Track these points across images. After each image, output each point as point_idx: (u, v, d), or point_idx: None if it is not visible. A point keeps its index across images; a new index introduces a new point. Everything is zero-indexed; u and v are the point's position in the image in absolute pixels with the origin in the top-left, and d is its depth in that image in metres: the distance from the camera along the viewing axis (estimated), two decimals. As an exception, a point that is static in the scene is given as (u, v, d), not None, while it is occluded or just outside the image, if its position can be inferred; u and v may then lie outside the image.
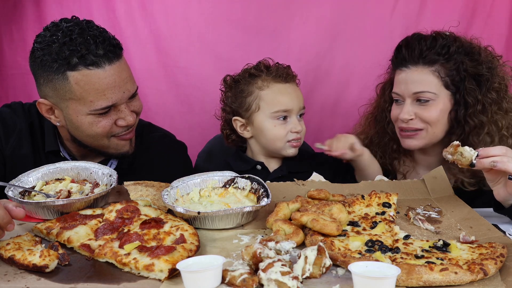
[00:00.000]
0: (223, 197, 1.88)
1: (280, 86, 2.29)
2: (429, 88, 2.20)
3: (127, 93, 2.02)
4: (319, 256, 1.33)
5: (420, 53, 2.22)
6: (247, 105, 2.29)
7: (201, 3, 3.22)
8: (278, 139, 2.29)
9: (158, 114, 3.25)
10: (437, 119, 2.22)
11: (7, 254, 1.43)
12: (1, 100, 3.11)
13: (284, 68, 2.33)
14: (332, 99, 3.33)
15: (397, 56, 2.31)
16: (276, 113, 2.26)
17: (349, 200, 1.79)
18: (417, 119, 2.23)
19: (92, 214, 1.69)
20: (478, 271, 1.31)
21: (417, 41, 2.25)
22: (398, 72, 2.29)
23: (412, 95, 2.22)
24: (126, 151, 2.14)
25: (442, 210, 1.84)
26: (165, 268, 1.34)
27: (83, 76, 1.92)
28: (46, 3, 3.19)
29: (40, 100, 2.04)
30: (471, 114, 2.19)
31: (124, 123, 2.04)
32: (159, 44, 3.26)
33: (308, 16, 3.20)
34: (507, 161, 1.67)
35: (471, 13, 3.15)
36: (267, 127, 2.28)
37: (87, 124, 2.00)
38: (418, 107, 2.22)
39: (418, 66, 2.22)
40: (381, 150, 2.47)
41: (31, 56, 2.00)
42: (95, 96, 1.94)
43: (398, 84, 2.28)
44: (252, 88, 2.29)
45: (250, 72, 2.33)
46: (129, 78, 2.04)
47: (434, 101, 2.20)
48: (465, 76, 2.19)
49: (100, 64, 1.92)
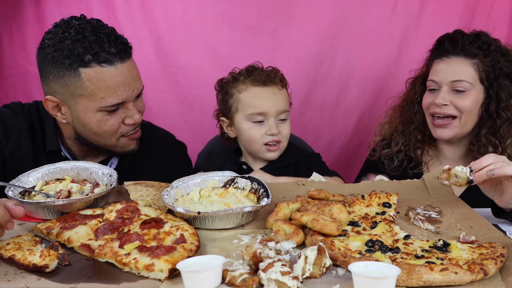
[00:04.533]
0: (223, 197, 1.87)
1: (257, 90, 2.34)
2: (466, 78, 2.32)
3: (136, 91, 2.06)
4: (319, 256, 1.33)
5: (463, 46, 2.35)
6: (229, 106, 2.39)
7: (201, 3, 3.22)
8: (253, 141, 2.36)
9: (158, 114, 3.25)
10: (470, 108, 2.33)
11: (7, 254, 1.43)
12: (1, 100, 3.11)
13: (265, 72, 2.38)
14: (332, 99, 3.34)
15: (438, 47, 2.43)
16: (251, 115, 2.33)
17: (349, 200, 1.79)
18: (451, 106, 2.33)
19: (92, 214, 1.69)
20: (478, 271, 1.31)
21: (460, 35, 2.39)
22: (438, 61, 2.40)
23: (450, 83, 2.33)
24: (133, 149, 2.18)
25: (442, 210, 1.84)
26: (165, 268, 1.34)
27: (95, 73, 1.94)
28: (46, 3, 3.19)
29: (47, 97, 2.04)
30: (504, 108, 2.32)
31: (132, 121, 2.07)
32: (159, 44, 3.27)
33: (308, 16, 3.20)
34: (502, 166, 1.70)
35: (471, 13, 3.15)
36: (243, 128, 2.36)
37: (96, 121, 2.02)
38: (453, 95, 2.33)
39: (459, 57, 2.35)
40: (404, 139, 2.56)
41: (41, 53, 2.01)
42: (106, 93, 1.96)
43: (436, 73, 2.39)
44: (233, 90, 2.38)
45: (233, 76, 2.41)
46: (138, 76, 2.09)
47: (469, 92, 2.32)
48: (500, 73, 2.34)
49: (113, 62, 1.96)
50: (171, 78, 3.30)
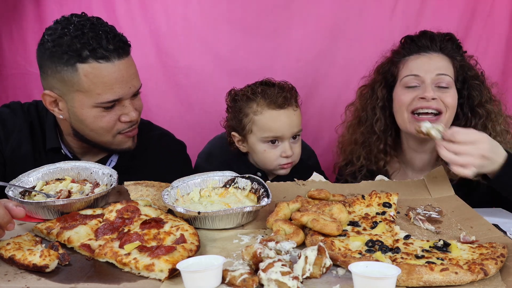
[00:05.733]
0: (223, 197, 1.87)
1: (274, 113, 2.31)
2: (449, 73, 2.28)
3: (133, 89, 2.06)
4: (319, 256, 1.33)
5: (440, 44, 2.32)
6: (242, 125, 2.36)
7: (201, 3, 3.22)
8: (268, 163, 2.37)
9: (158, 114, 3.25)
10: (454, 105, 2.28)
11: (7, 254, 1.43)
12: (1, 100, 3.10)
13: (282, 92, 2.32)
14: (332, 99, 3.33)
15: (412, 44, 2.36)
16: (266, 138, 2.32)
17: (349, 200, 1.79)
18: (438, 100, 2.24)
19: (92, 214, 1.69)
20: (479, 271, 1.31)
21: (434, 34, 2.36)
22: (415, 57, 2.32)
23: (435, 76, 2.26)
24: (128, 147, 2.18)
25: (443, 210, 1.84)
26: (165, 268, 1.34)
27: (92, 68, 1.95)
28: (46, 3, 3.19)
29: (45, 92, 2.06)
30: (478, 105, 2.31)
31: (128, 119, 2.07)
32: (159, 44, 3.26)
33: (308, 16, 3.20)
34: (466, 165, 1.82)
35: (471, 13, 3.14)
36: (258, 149, 2.36)
37: (92, 117, 2.03)
38: (438, 90, 2.26)
39: (439, 53, 2.32)
40: (365, 151, 2.47)
41: (40, 48, 2.03)
42: (103, 89, 1.97)
43: (417, 68, 2.30)
44: (247, 110, 2.35)
45: (247, 95, 2.36)
46: (135, 74, 2.09)
47: (451, 88, 2.28)
48: (466, 76, 2.32)
49: (110, 59, 1.97)
50: (171, 78, 3.30)
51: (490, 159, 1.84)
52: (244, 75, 2.63)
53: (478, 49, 3.03)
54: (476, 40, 3.11)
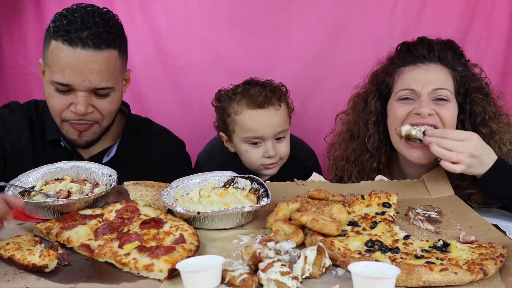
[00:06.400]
0: (223, 197, 1.87)
1: (253, 113, 2.25)
2: (448, 87, 2.11)
3: (88, 83, 2.03)
4: (318, 256, 1.33)
5: (439, 53, 2.16)
6: (226, 125, 2.34)
7: (201, 3, 3.22)
8: (251, 163, 2.33)
9: (158, 113, 3.25)
10: (453, 121, 2.11)
11: (6, 254, 1.43)
12: (1, 100, 3.11)
13: (262, 91, 2.25)
14: (332, 100, 3.32)
15: (408, 53, 2.21)
16: (247, 138, 2.29)
17: (349, 200, 1.79)
18: (435, 116, 2.08)
19: (92, 214, 1.69)
20: (478, 271, 1.31)
21: (432, 41, 2.19)
22: (411, 68, 2.17)
23: (432, 91, 2.09)
24: (74, 140, 2.18)
25: (442, 210, 1.84)
26: (165, 268, 1.34)
27: (56, 47, 2.02)
28: (46, 3, 3.19)
29: (39, 60, 2.16)
30: (481, 123, 2.15)
31: (74, 109, 2.07)
32: (159, 44, 3.26)
33: (308, 16, 3.20)
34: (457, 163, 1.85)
35: (471, 13, 3.14)
36: (241, 150, 2.34)
37: (47, 93, 2.11)
38: (434, 104, 2.09)
39: (437, 64, 2.15)
40: (357, 169, 2.33)
41: None
42: (57, 69, 2.03)
43: (413, 80, 2.13)
44: (229, 110, 2.31)
45: (229, 95, 2.33)
46: (98, 71, 2.04)
47: (450, 102, 2.11)
48: (468, 88, 2.17)
49: (73, 44, 2.00)
50: (171, 78, 3.30)
51: (478, 157, 1.85)
52: (244, 75, 2.62)
53: (478, 49, 3.03)
54: (476, 40, 3.10)
